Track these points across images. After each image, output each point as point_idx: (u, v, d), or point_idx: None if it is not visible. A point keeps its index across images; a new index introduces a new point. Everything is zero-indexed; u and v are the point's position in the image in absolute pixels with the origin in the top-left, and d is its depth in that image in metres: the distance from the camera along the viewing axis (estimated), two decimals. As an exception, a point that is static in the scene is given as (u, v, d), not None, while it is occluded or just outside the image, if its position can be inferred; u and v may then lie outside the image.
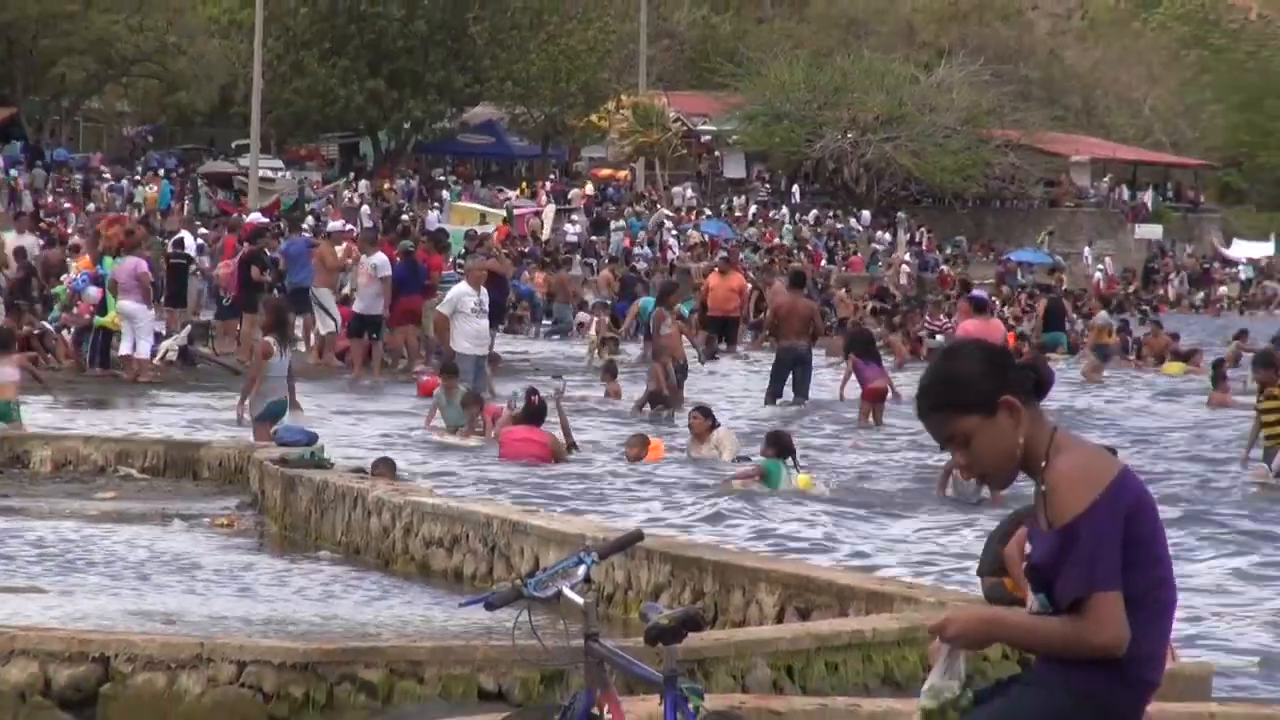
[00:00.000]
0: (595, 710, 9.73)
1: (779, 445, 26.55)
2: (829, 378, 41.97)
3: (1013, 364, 6.56)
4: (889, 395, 36.28)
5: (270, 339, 28.69)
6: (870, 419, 35.70)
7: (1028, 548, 6.54)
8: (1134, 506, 6.38)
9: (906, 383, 36.65)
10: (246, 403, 28.46)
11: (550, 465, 27.86)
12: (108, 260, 39.99)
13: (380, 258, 43.33)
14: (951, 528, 23.64)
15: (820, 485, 26.63)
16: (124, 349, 38.79)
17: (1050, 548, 6.34)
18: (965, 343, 6.85)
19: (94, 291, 39.91)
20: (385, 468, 23.38)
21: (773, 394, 38.23)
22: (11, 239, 47.63)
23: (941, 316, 55.87)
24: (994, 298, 60.35)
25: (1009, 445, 6.44)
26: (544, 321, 61.10)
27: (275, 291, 45.03)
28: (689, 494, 25.70)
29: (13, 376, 29.45)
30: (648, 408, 36.26)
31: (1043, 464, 6.40)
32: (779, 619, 15.76)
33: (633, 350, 50.14)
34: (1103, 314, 56.13)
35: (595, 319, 54.15)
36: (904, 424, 33.35)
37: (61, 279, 43.72)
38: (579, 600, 9.86)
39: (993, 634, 6.45)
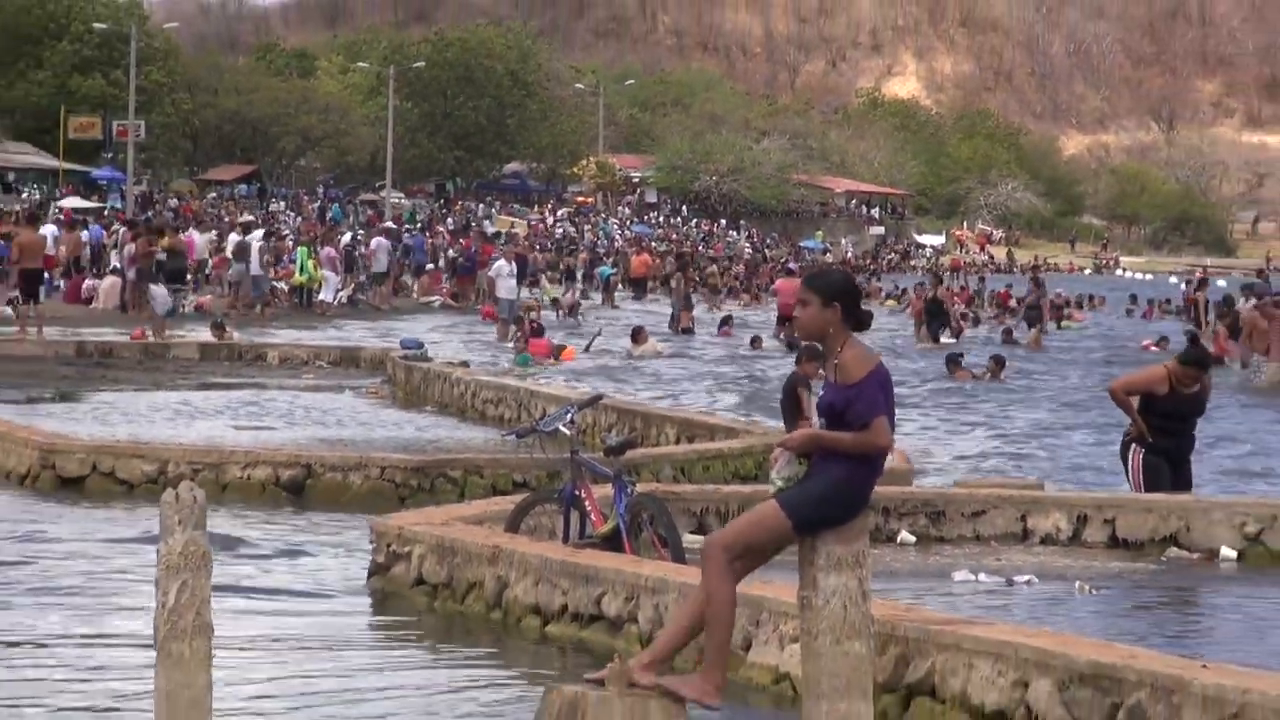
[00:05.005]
0: (576, 493, 9.67)
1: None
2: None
3: (855, 297, 6.42)
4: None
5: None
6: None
7: (820, 391, 6.46)
8: (888, 381, 6.33)
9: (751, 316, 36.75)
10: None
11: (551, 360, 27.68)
12: (301, 250, 39.57)
13: (378, 240, 43.56)
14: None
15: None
16: (321, 297, 38.63)
17: (841, 396, 6.25)
18: (847, 271, 6.87)
19: (293, 266, 39.77)
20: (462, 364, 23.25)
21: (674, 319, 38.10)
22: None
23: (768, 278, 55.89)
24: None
25: (820, 326, 6.30)
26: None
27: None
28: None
29: None
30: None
31: (838, 349, 6.30)
32: (677, 442, 15.74)
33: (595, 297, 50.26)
34: (713, 267, 54.88)
35: (544, 276, 52.49)
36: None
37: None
38: (568, 432, 9.88)
39: (818, 445, 6.31)
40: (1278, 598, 9.95)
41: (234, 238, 39.15)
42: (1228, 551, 11.04)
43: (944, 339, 33.96)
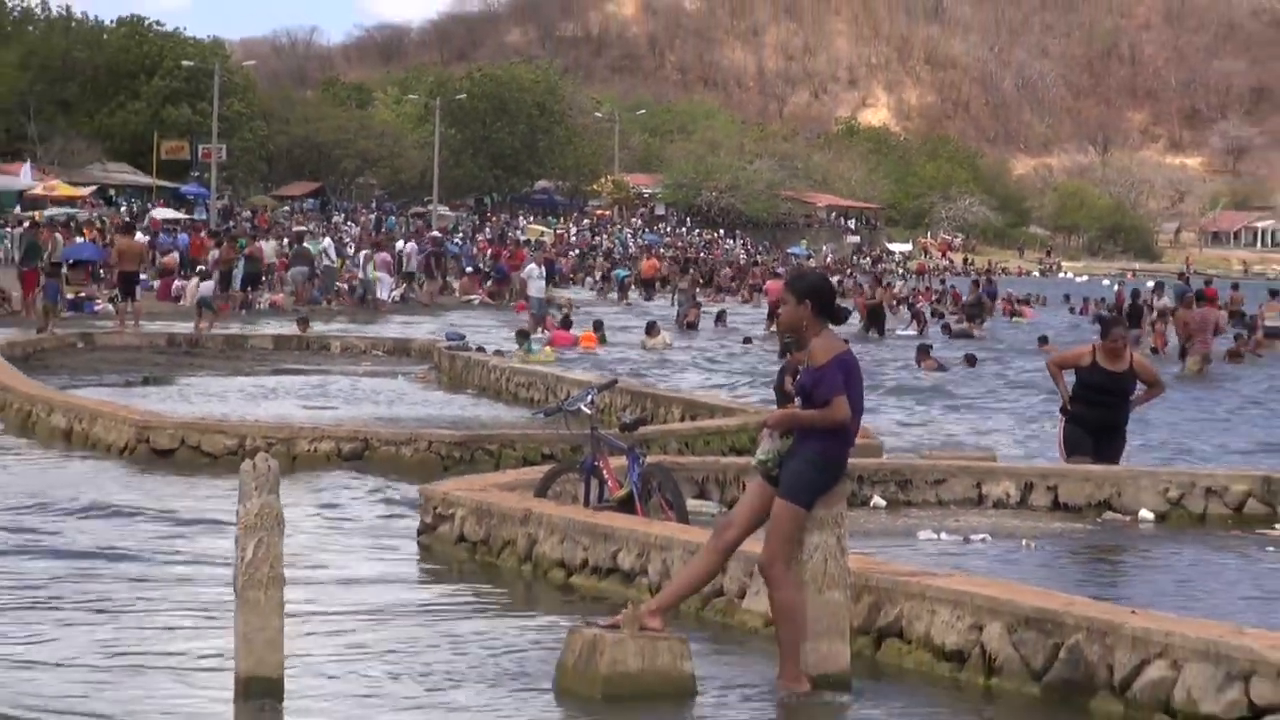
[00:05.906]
0: (596, 463, 9.67)
1: (524, 336, 25.00)
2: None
3: (830, 295, 6.44)
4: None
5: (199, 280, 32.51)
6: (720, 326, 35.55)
7: (800, 378, 6.50)
8: (850, 365, 6.35)
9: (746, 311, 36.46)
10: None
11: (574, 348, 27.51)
12: (362, 254, 39.46)
13: (410, 244, 43.51)
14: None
15: (554, 358, 23.97)
16: (378, 295, 38.53)
17: (810, 378, 6.31)
18: (823, 274, 6.95)
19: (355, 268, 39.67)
20: (495, 354, 23.14)
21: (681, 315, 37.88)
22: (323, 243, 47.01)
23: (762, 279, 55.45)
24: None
25: (796, 320, 6.38)
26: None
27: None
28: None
29: None
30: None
31: (811, 339, 6.34)
32: (682, 420, 15.72)
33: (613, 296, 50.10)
34: (693, 270, 54.09)
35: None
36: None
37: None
38: (589, 411, 9.85)
39: (793, 422, 6.37)
40: (1191, 552, 9.96)
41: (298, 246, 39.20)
42: (1145, 514, 11.05)
43: (887, 335, 34.07)
